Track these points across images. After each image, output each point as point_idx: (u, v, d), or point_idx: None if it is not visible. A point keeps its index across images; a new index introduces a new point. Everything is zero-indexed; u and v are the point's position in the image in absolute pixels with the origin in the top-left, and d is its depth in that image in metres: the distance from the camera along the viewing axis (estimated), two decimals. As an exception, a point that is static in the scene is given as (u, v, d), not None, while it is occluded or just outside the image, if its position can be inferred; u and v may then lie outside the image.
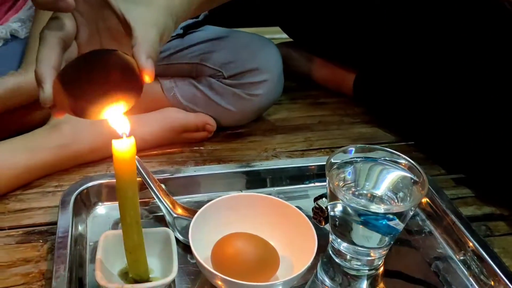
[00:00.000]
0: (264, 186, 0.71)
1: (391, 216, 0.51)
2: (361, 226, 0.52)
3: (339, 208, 0.54)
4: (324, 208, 0.65)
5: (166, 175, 0.68)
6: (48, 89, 0.39)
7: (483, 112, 0.78)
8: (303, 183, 0.73)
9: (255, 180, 0.71)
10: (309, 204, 0.67)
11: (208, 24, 0.87)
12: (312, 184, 0.73)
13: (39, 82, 0.39)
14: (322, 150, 0.85)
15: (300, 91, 1.03)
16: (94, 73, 0.40)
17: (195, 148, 0.82)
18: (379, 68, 0.94)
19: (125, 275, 0.54)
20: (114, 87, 0.40)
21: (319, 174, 0.73)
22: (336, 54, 1.00)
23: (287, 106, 0.97)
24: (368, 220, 0.51)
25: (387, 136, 0.90)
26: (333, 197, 0.54)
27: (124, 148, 0.43)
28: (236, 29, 0.88)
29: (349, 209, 0.52)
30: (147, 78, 0.41)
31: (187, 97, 0.82)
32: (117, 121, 0.43)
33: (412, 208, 0.53)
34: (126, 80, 0.41)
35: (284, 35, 1.08)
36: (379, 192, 0.57)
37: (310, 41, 1.04)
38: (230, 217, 0.58)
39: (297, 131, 0.90)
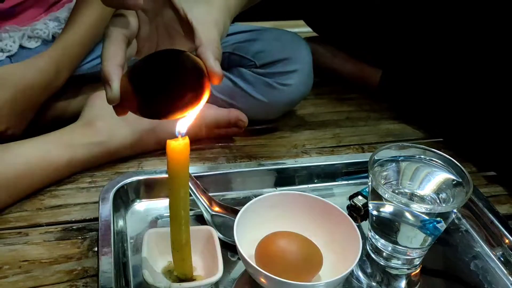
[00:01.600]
0: (297, 183, 0.71)
1: (438, 219, 0.51)
2: (408, 226, 0.52)
3: (385, 208, 0.54)
4: (360, 206, 0.65)
5: (201, 172, 0.68)
6: (116, 88, 0.39)
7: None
8: (335, 181, 0.73)
9: (288, 177, 0.71)
10: (342, 202, 0.67)
11: (235, 19, 0.88)
12: (345, 182, 0.73)
13: (106, 80, 0.39)
14: (352, 146, 0.85)
15: (325, 87, 1.02)
16: (165, 73, 0.39)
17: (225, 144, 0.82)
18: (406, 64, 0.94)
19: (169, 273, 0.54)
20: (184, 89, 0.40)
21: (352, 171, 0.73)
22: (361, 49, 1.00)
23: (313, 101, 0.97)
24: (423, 222, 0.51)
25: (415, 132, 0.90)
26: (375, 195, 0.54)
27: (179, 148, 0.43)
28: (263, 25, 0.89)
29: (398, 209, 0.52)
30: (217, 80, 0.41)
31: (219, 88, 0.82)
32: (178, 122, 0.43)
33: (455, 211, 0.53)
34: (196, 82, 0.41)
35: (308, 29, 1.08)
36: (421, 192, 0.57)
37: (335, 35, 1.03)
38: (272, 215, 0.58)
39: (325, 127, 0.90)
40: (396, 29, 0.93)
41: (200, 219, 0.64)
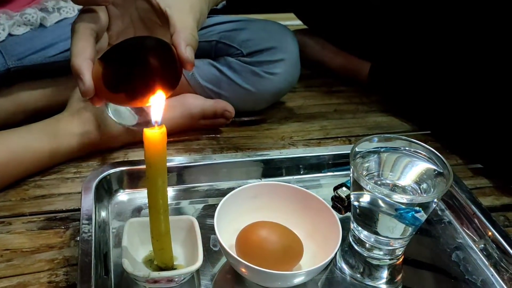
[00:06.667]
0: (283, 174, 0.71)
1: (417, 208, 0.51)
2: (387, 216, 0.52)
3: (365, 198, 0.54)
4: (344, 197, 0.66)
5: (186, 163, 0.68)
6: (88, 80, 0.39)
7: (500, 102, 0.78)
8: (321, 172, 0.73)
9: (273, 169, 0.71)
10: (327, 193, 0.67)
11: (224, 14, 0.89)
12: (330, 173, 0.73)
13: (77, 74, 0.39)
14: (339, 139, 0.85)
15: (315, 79, 1.02)
16: (131, 60, 0.39)
17: (211, 135, 0.82)
18: (395, 57, 0.94)
19: (149, 262, 0.54)
20: (152, 75, 0.40)
21: (338, 163, 0.73)
22: (350, 42, 1.00)
23: (302, 93, 0.97)
24: (398, 211, 0.51)
25: (403, 125, 0.90)
26: (356, 186, 0.54)
27: (156, 137, 0.43)
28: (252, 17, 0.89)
29: (377, 199, 0.52)
30: (188, 66, 0.41)
31: (206, 76, 0.82)
32: (151, 109, 0.42)
33: (435, 200, 0.53)
34: (165, 67, 0.40)
35: (298, 22, 1.08)
36: (402, 182, 0.57)
37: (324, 28, 1.03)
38: (254, 206, 0.58)
39: (312, 119, 0.90)
40: (385, 22, 0.93)
41: (182, 209, 0.64)
